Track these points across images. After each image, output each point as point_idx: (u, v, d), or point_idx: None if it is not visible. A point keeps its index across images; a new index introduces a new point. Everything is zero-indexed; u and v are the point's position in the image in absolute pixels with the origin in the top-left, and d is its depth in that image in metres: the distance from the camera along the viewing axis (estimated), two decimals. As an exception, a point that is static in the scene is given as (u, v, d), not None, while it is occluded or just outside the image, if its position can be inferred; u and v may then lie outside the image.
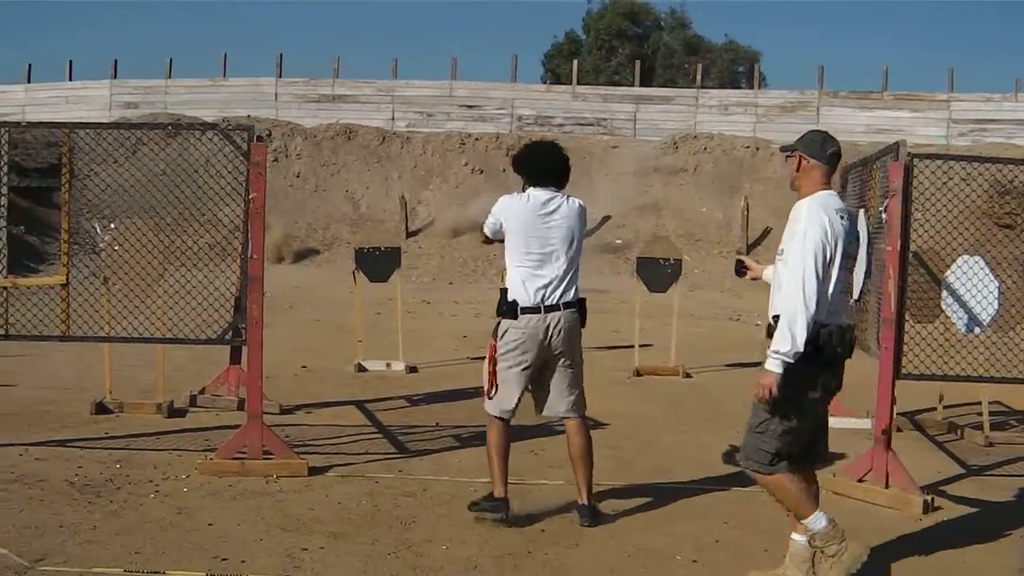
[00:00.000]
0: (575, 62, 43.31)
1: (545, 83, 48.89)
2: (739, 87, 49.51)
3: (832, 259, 5.70)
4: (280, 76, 40.20)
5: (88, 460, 8.62)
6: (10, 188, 9.27)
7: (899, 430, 9.43)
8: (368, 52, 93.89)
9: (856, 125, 36.51)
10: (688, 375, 13.55)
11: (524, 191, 7.34)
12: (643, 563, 6.01)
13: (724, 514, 7.51)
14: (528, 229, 7.15)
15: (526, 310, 7.12)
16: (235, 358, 10.86)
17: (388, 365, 13.49)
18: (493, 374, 7.20)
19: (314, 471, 8.27)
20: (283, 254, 29.28)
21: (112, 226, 9.76)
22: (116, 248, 9.74)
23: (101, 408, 10.45)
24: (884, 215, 8.27)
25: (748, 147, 35.05)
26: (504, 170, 33.65)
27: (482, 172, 34.07)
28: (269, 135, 33.51)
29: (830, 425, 6.28)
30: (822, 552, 5.79)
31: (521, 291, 7.14)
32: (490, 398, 7.22)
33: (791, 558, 6.05)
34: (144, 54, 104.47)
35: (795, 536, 6.01)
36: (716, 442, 9.57)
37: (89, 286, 9.66)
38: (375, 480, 8.17)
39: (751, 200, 31.56)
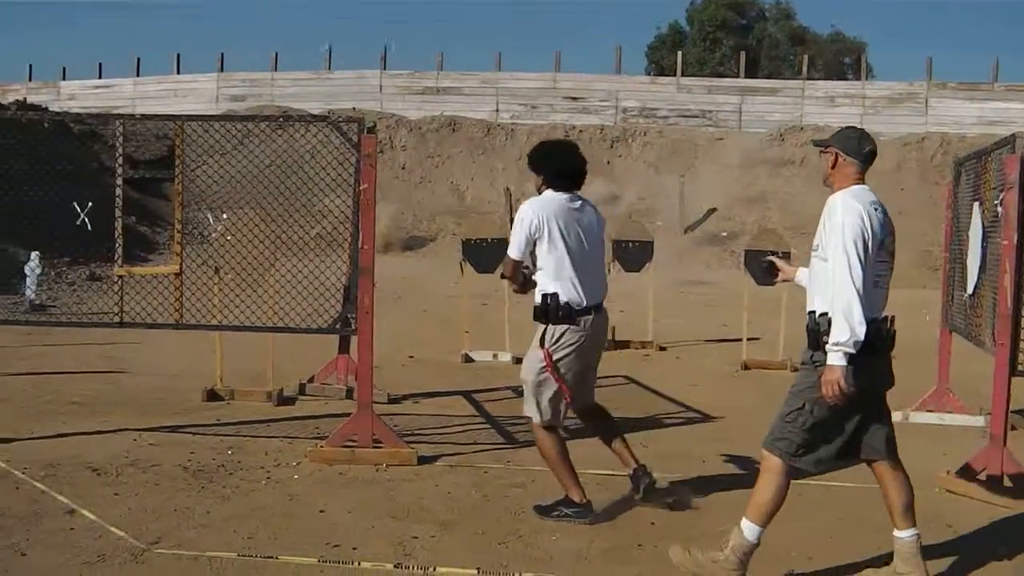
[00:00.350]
0: (679, 53, 43.09)
1: (649, 75, 48.69)
2: (845, 78, 48.84)
3: (868, 252, 5.59)
4: (385, 69, 40.41)
5: (200, 446, 8.75)
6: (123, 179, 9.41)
7: (1013, 428, 9.23)
8: (472, 45, 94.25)
9: (966, 117, 35.96)
10: (796, 369, 13.36)
11: (540, 193, 7.22)
12: (757, 558, 5.93)
13: (837, 510, 7.41)
14: (569, 227, 7.02)
15: (581, 312, 6.98)
16: (344, 348, 10.97)
17: (495, 356, 13.53)
18: (560, 380, 6.96)
19: (423, 460, 8.32)
20: (389, 245, 29.43)
21: (224, 216, 9.88)
22: (228, 238, 9.85)
23: (212, 395, 10.61)
24: (1000, 208, 8.12)
25: (856, 139, 34.57)
26: (608, 162, 33.59)
27: (586, 164, 33.99)
28: (374, 127, 33.66)
29: (943, 422, 6.13)
30: (722, 550, 5.81)
31: (573, 293, 6.97)
32: (569, 400, 7.05)
33: (898, 555, 5.93)
34: (250, 47, 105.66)
35: (898, 533, 5.88)
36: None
37: (201, 275, 9.81)
38: (484, 470, 8.19)
39: (859, 193, 31.11)
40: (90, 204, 7.96)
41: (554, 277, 6.97)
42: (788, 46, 55.33)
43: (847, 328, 5.44)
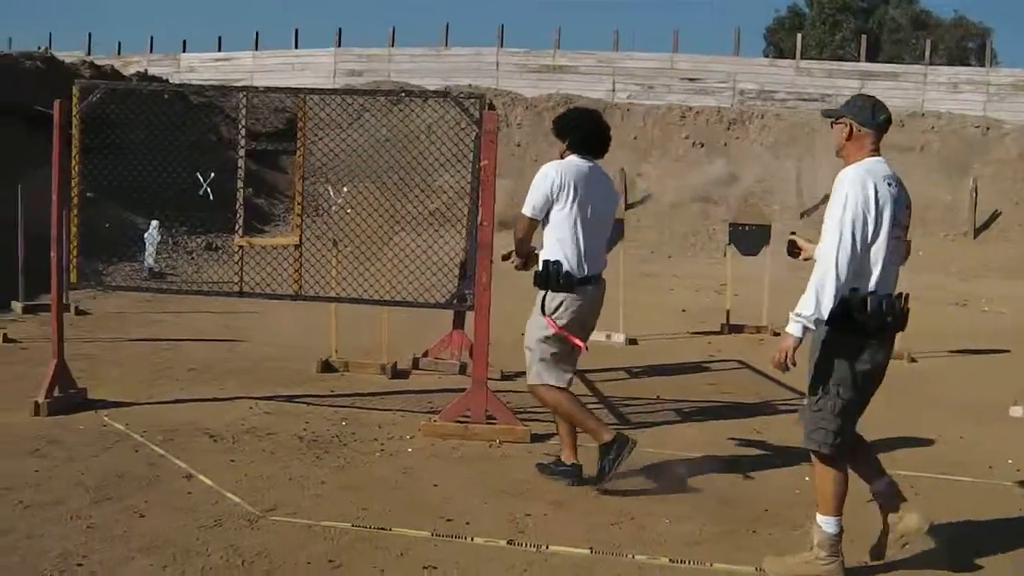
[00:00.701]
0: (799, 36, 42.46)
1: (767, 57, 48.15)
2: (968, 64, 47.89)
3: (879, 227, 5.50)
4: (502, 46, 40.36)
5: (315, 416, 8.85)
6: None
7: None
8: (589, 23, 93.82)
9: (1094, 104, 35.16)
10: (913, 359, 13.17)
11: (562, 159, 7.28)
12: (862, 546, 5.87)
13: (947, 503, 7.25)
14: (586, 195, 7.11)
15: (582, 281, 7.15)
16: (458, 323, 11.00)
17: (608, 336, 13.46)
18: (570, 336, 7.19)
19: (536, 438, 8.33)
20: (504, 223, 29.29)
21: (345, 190, 9.95)
22: (348, 211, 9.91)
23: (327, 367, 10.71)
24: None
25: (978, 127, 33.84)
26: (725, 144, 33.26)
27: (703, 146, 33.68)
28: (493, 105, 33.71)
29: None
30: (811, 549, 5.71)
31: (575, 262, 7.11)
32: (586, 348, 7.35)
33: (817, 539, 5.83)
34: (368, 23, 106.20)
35: (822, 519, 5.77)
36: (938, 429, 9.31)
37: (320, 248, 9.89)
38: (596, 450, 8.14)
39: (980, 182, 30.47)
40: (212, 175, 8.04)
41: (560, 243, 7.11)
42: (910, 30, 54.37)
43: (814, 303, 5.41)
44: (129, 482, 6.96)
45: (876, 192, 5.49)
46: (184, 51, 45.25)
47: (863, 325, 5.51)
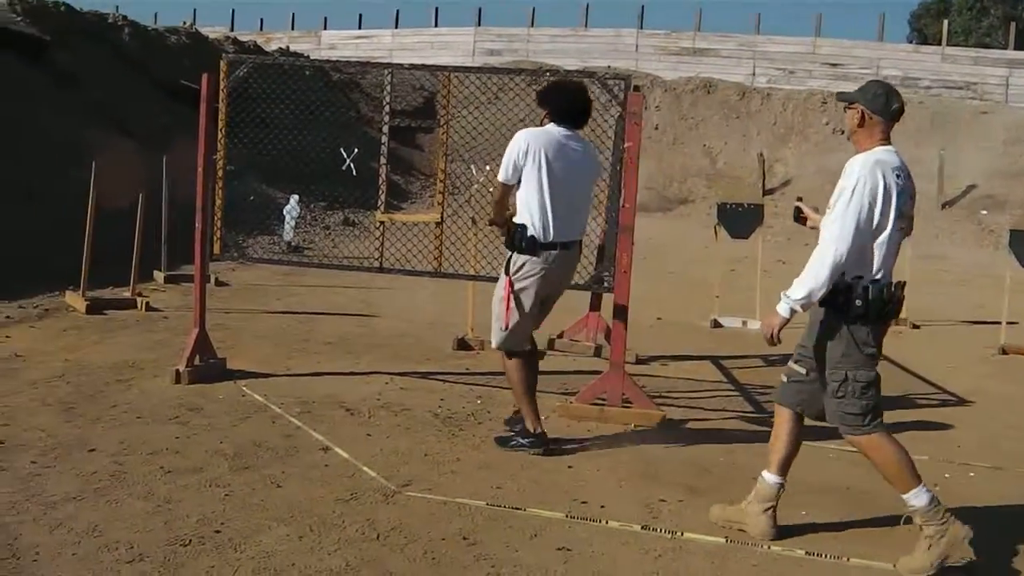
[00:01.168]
0: (945, 22, 41.58)
1: (912, 43, 47.29)
2: (1123, 54, 46.53)
3: (885, 218, 5.49)
4: (641, 28, 40.18)
5: (450, 394, 8.89)
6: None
7: None
8: (730, 5, 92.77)
9: None
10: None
11: (542, 126, 7.40)
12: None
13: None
14: (557, 160, 7.23)
15: (545, 246, 7.24)
16: (595, 305, 10.95)
17: (744, 323, 13.32)
18: (509, 309, 7.32)
19: (671, 423, 8.26)
20: (640, 205, 29.15)
21: (488, 168, 9.94)
22: (491, 190, 9.92)
23: (463, 344, 10.74)
24: None
25: None
26: (866, 131, 32.64)
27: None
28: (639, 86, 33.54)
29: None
30: (920, 530, 5.66)
31: (541, 226, 7.21)
32: (505, 329, 7.37)
33: (756, 495, 6.05)
34: (507, 2, 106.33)
35: (766, 474, 6.07)
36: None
37: (459, 226, 9.92)
38: (732, 437, 8.07)
39: None
40: (356, 151, 8.10)
41: (527, 207, 7.26)
42: (1061, 18, 53.02)
43: (808, 288, 5.50)
44: (266, 452, 7.06)
45: (884, 182, 5.50)
46: (325, 28, 45.81)
47: (865, 314, 5.55)
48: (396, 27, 43.94)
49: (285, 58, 13.69)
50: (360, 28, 45.30)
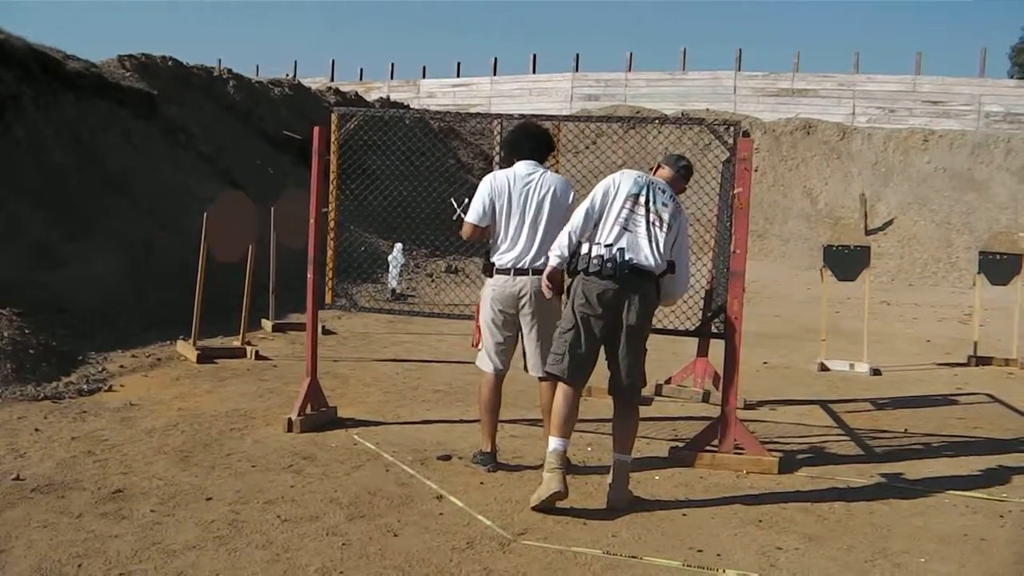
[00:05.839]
0: (1049, 57, 41.13)
1: (1013, 78, 46.70)
2: None
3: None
4: (739, 70, 40.08)
5: (561, 441, 8.87)
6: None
7: None
8: (828, 46, 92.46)
9: None
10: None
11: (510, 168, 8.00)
12: None
13: None
14: (516, 195, 7.77)
15: (500, 271, 7.80)
16: (703, 351, 10.93)
17: (851, 366, 13.22)
18: (477, 329, 8.12)
19: (783, 469, 8.18)
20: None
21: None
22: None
23: (571, 392, 10.72)
24: None
25: None
26: (969, 169, 32.29)
27: (945, 171, 32.71)
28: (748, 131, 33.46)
29: None
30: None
31: (495, 252, 7.85)
32: (473, 345, 8.26)
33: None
34: (605, 48, 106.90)
35: (618, 455, 7.25)
36: None
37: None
38: (846, 483, 7.99)
39: None
40: (466, 200, 8.20)
41: (494, 237, 7.90)
42: None
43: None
44: (381, 500, 7.11)
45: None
46: (424, 77, 46.22)
47: None
48: (494, 74, 44.23)
49: (393, 110, 13.80)
50: (459, 76, 45.66)
